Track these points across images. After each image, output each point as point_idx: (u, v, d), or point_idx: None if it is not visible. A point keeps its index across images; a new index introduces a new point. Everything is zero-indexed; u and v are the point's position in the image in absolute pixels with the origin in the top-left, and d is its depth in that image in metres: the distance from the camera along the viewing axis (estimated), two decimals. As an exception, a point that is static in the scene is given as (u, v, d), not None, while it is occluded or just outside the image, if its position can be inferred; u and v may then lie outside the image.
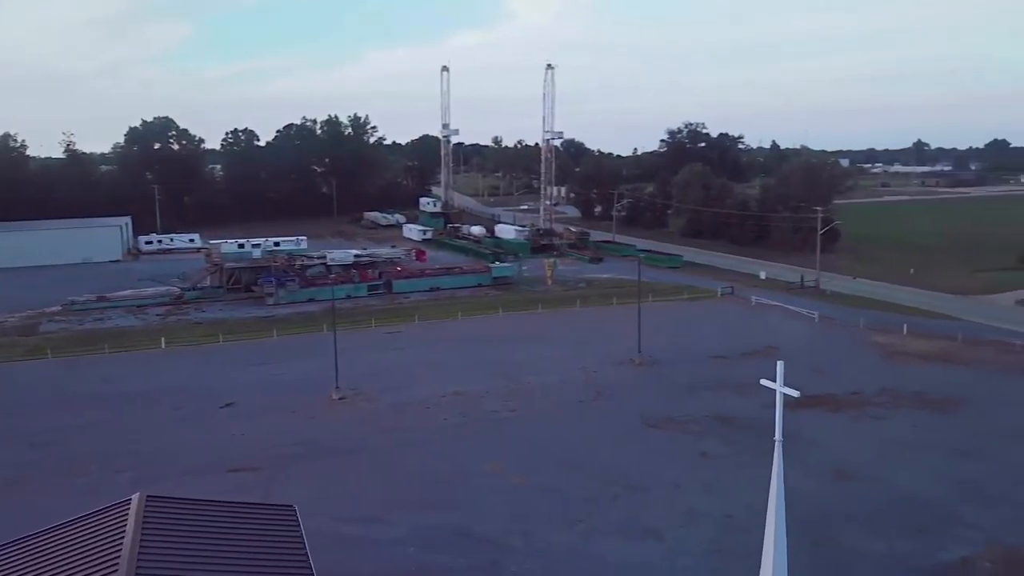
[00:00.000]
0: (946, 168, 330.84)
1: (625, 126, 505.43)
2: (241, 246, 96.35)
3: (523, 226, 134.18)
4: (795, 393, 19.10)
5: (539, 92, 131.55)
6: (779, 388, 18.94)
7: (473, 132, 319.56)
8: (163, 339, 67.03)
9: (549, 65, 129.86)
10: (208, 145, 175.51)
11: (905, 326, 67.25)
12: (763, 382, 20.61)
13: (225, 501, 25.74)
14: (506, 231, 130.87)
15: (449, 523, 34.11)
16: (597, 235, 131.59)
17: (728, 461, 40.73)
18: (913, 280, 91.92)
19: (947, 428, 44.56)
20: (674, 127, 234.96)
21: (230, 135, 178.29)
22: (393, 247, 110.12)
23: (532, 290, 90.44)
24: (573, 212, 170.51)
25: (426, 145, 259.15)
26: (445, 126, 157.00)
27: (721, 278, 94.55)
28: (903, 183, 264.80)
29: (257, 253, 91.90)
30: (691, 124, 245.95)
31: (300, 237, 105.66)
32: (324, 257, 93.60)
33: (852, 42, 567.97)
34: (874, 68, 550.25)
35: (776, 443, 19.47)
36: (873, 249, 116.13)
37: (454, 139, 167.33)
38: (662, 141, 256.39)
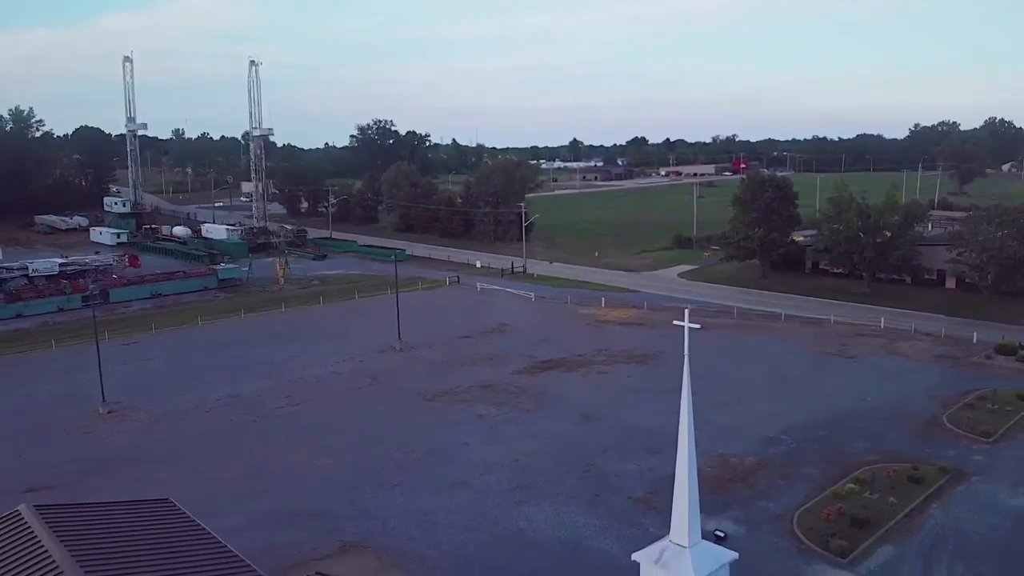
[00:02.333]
0: (599, 164, 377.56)
1: (311, 119, 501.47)
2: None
3: (233, 225, 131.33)
4: (697, 326, 22.11)
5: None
6: (687, 324, 22.03)
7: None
8: None
9: (252, 61, 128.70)
10: None
11: (603, 299, 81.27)
12: (675, 322, 22.83)
13: (108, 502, 26.99)
14: (216, 231, 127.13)
15: (277, 507, 37.18)
16: (311, 232, 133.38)
17: (499, 419, 48.40)
18: (597, 261, 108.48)
19: (652, 376, 56.81)
20: (363, 123, 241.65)
21: None
22: (97, 253, 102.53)
23: (265, 290, 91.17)
24: (278, 209, 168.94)
25: (93, 137, 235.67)
26: (131, 119, 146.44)
27: (442, 268, 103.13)
28: (568, 178, 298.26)
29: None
30: (380, 121, 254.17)
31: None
32: (25, 268, 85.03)
33: (512, 46, 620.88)
34: (535, 72, 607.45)
35: (685, 359, 21.35)
36: (557, 237, 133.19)
37: (141, 132, 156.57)
38: (352, 137, 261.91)
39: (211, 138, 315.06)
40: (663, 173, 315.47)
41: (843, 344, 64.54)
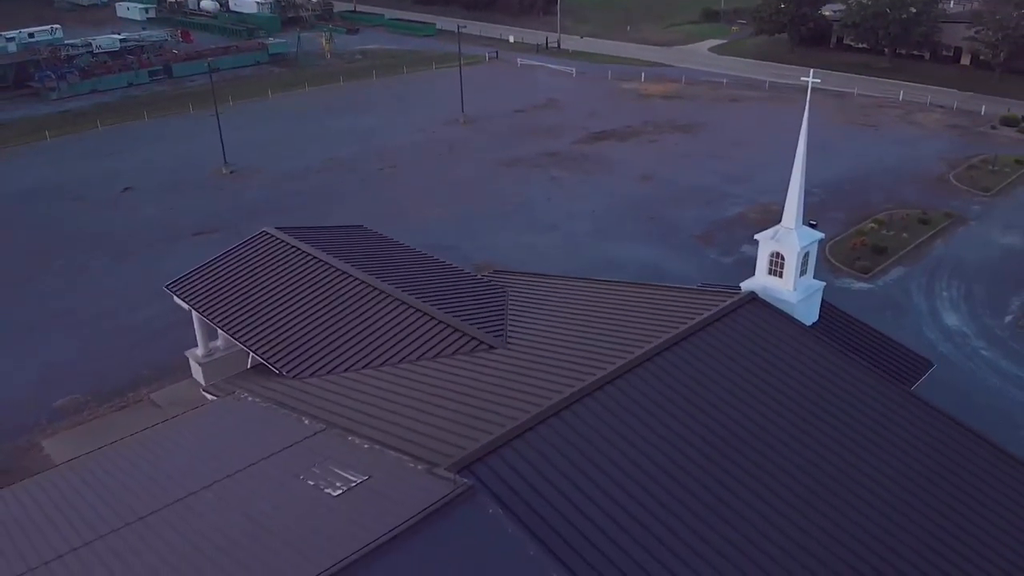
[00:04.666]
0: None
1: None
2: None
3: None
4: (818, 80, 25.66)
5: None
6: (810, 81, 25.18)
7: None
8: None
9: None
10: None
11: (642, 74, 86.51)
12: (803, 79, 25.78)
13: (319, 226, 35.29)
14: (246, 5, 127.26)
15: (417, 243, 45.60)
16: (334, 5, 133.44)
17: (571, 180, 56.47)
18: (628, 36, 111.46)
19: (697, 143, 64.20)
20: None
21: None
22: (144, 29, 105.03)
23: (314, 65, 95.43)
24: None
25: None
26: None
27: (473, 44, 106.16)
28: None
29: (12, 47, 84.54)
30: None
31: (55, 26, 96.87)
32: (89, 45, 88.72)
33: None
34: None
35: (806, 105, 24.98)
36: (584, 10, 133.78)
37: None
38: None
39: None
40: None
41: (865, 115, 71.40)
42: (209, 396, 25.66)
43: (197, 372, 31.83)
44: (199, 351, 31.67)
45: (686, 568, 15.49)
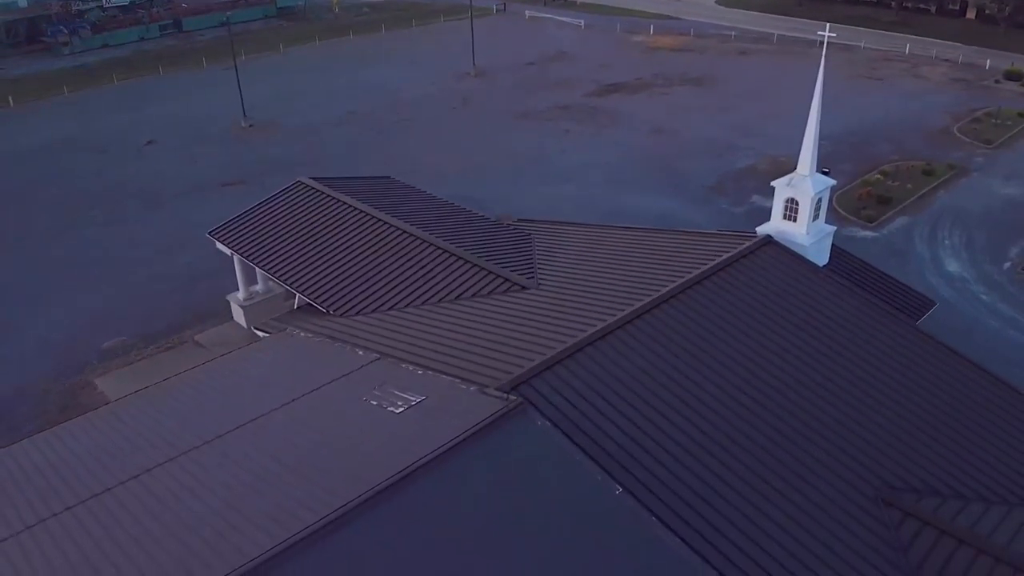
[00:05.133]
0: None
1: None
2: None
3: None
4: (834, 35, 26.37)
5: None
6: (826, 35, 26.07)
7: None
8: (10, 98, 66.02)
9: None
10: None
11: (651, 27, 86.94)
12: (818, 33, 26.46)
13: (349, 176, 36.79)
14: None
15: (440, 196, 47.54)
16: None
17: (583, 132, 57.71)
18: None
19: (707, 96, 65.22)
20: None
21: None
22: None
23: (322, 19, 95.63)
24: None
25: None
26: None
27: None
28: None
29: (23, 3, 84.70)
30: None
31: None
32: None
33: None
34: None
35: (822, 58, 25.73)
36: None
37: None
38: None
39: None
40: None
41: (872, 68, 72.21)
42: (261, 333, 27.50)
43: (239, 315, 33.67)
44: (240, 295, 33.48)
45: (719, 478, 17.44)
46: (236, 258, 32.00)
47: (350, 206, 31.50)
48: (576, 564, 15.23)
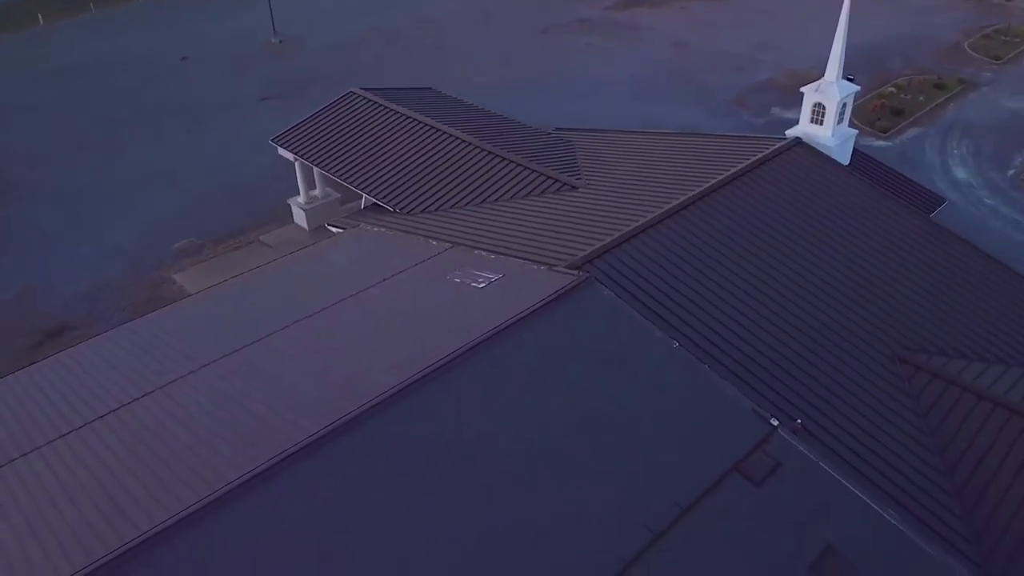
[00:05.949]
0: None
1: None
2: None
3: None
4: None
5: None
6: None
7: None
8: (39, 16, 66.97)
9: None
10: None
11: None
12: None
13: (404, 87, 38.87)
14: None
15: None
16: None
17: (606, 47, 59.21)
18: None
19: (727, 11, 66.29)
20: None
21: None
22: None
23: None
24: None
25: None
26: None
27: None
28: None
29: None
30: None
31: None
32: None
33: None
34: None
35: None
36: None
37: None
38: None
39: None
40: None
41: (887, -16, 72.94)
42: (335, 229, 30.24)
43: (300, 217, 36.40)
44: (301, 199, 36.11)
45: (759, 337, 20.46)
46: (297, 164, 34.54)
47: (402, 114, 33.81)
48: (639, 404, 18.34)
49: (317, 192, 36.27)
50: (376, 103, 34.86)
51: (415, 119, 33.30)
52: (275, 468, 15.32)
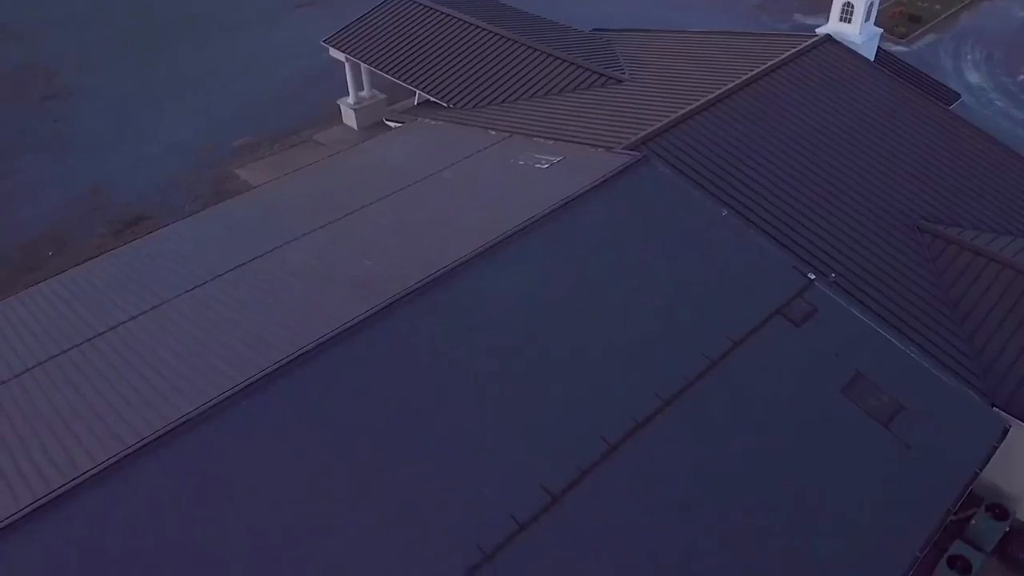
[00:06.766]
0: None
1: None
2: None
3: None
4: None
5: None
6: None
7: None
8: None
9: None
10: None
11: None
12: None
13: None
14: None
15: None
16: None
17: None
18: None
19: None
20: None
21: None
22: None
23: None
24: None
25: None
26: None
27: None
28: None
29: None
30: None
31: None
32: None
33: None
34: None
35: None
36: None
37: None
38: None
39: None
40: None
41: None
42: (393, 124, 32.44)
43: (349, 117, 38.47)
44: (350, 99, 38.12)
45: (795, 207, 23.07)
46: (347, 64, 36.43)
47: (449, 15, 35.51)
48: (695, 262, 21.07)
49: (365, 93, 38.23)
50: (424, 5, 36.48)
51: (462, 19, 35.01)
52: (386, 310, 17.99)
